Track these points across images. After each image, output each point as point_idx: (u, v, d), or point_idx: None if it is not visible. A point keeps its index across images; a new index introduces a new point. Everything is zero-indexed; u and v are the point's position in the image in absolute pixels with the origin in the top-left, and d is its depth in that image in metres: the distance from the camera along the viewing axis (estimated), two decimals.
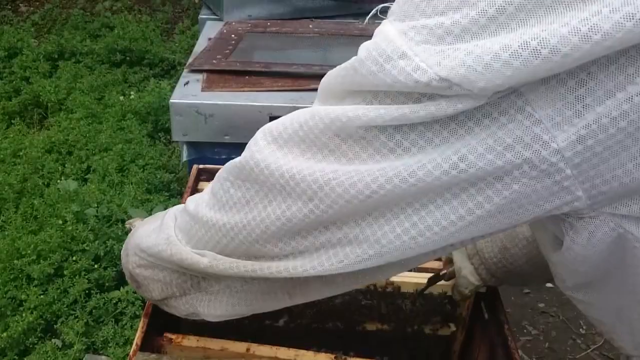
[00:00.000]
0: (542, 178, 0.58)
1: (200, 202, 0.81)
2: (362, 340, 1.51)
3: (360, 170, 0.63)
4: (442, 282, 1.41)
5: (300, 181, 0.67)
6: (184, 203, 0.88)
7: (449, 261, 1.34)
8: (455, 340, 1.54)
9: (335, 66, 0.67)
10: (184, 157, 2.20)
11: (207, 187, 0.82)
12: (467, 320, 1.53)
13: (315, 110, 0.67)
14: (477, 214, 0.62)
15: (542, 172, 0.58)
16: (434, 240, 0.65)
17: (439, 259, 1.41)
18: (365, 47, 0.61)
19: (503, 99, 0.56)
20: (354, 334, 1.51)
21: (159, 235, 0.88)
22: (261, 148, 0.70)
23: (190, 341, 1.27)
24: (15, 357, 2.17)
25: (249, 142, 0.74)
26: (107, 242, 2.46)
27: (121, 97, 3.79)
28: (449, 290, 1.44)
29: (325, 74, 0.70)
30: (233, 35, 2.49)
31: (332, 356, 1.29)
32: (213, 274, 0.81)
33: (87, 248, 2.45)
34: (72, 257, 2.43)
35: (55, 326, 2.26)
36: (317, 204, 0.66)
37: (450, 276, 1.36)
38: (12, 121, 3.64)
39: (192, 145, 2.14)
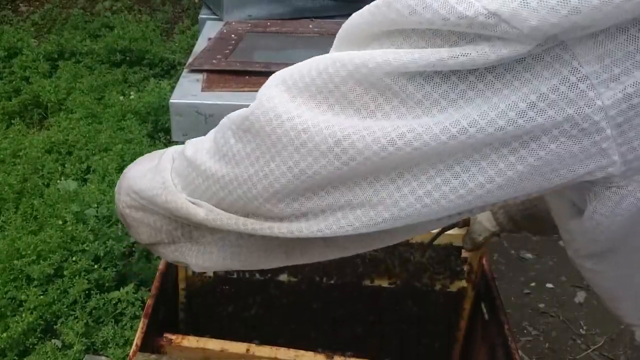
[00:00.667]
0: (580, 138, 0.56)
1: (200, 148, 0.75)
2: (369, 296, 1.47)
3: (384, 125, 0.58)
4: (455, 230, 1.35)
5: (314, 135, 0.61)
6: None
7: None
8: (466, 297, 1.51)
9: None
10: None
11: (210, 132, 0.77)
12: (478, 277, 1.47)
13: (337, 57, 0.61)
14: (507, 176, 0.58)
15: (582, 132, 0.55)
16: (458, 204, 0.61)
17: None
18: None
19: (547, 52, 0.53)
20: (361, 290, 1.47)
21: (154, 177, 0.82)
22: (272, 97, 0.64)
23: (190, 342, 1.27)
24: (15, 358, 2.17)
25: (259, 91, 0.67)
26: (107, 242, 2.46)
27: (121, 97, 3.79)
28: (460, 242, 1.40)
29: None
30: (233, 35, 2.49)
31: (330, 355, 1.29)
32: (208, 227, 0.76)
33: (87, 248, 2.45)
34: (72, 257, 2.43)
35: (55, 327, 2.26)
36: (330, 161, 0.61)
37: (465, 223, 1.32)
38: (12, 121, 3.64)
39: None
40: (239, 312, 1.49)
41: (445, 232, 1.36)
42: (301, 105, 0.62)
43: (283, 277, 1.46)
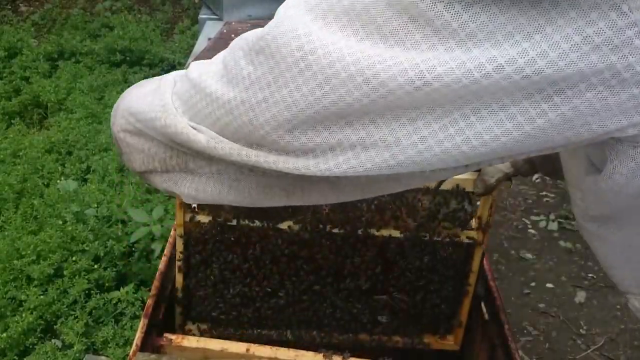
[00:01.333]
0: (619, 90, 0.52)
1: (206, 70, 0.70)
2: (376, 247, 1.39)
3: (412, 56, 0.53)
4: (464, 175, 1.29)
5: (335, 61, 0.56)
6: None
7: None
8: (476, 247, 1.42)
9: None
10: None
11: (218, 54, 0.71)
12: (488, 226, 1.39)
13: None
14: (536, 124, 0.55)
15: (622, 83, 0.52)
16: (480, 152, 0.57)
17: None
18: None
19: None
20: (367, 240, 1.39)
21: (153, 99, 0.76)
22: (291, 16, 0.59)
23: (190, 342, 1.27)
24: (15, 358, 2.17)
25: (278, 10, 0.62)
26: (107, 242, 2.46)
27: None
28: (470, 187, 1.33)
29: None
30: (233, 35, 2.49)
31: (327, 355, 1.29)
32: (208, 156, 0.71)
33: (87, 248, 2.45)
34: (72, 257, 2.43)
35: (55, 326, 2.26)
36: (349, 91, 0.56)
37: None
38: (12, 121, 3.64)
39: None
40: (238, 262, 1.40)
41: (454, 177, 1.28)
42: (323, 28, 0.57)
43: (285, 225, 1.36)
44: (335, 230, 1.36)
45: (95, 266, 2.41)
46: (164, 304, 1.43)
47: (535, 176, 3.73)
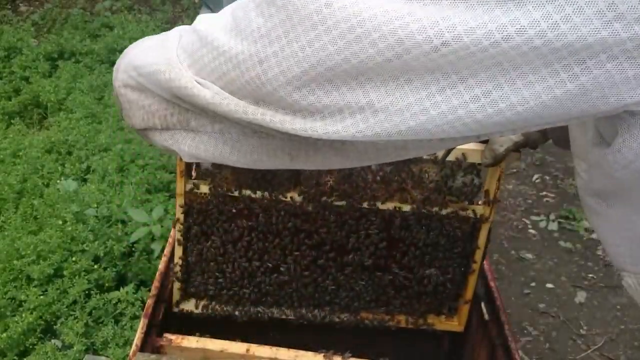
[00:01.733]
0: (639, 63, 0.51)
1: (214, 23, 0.67)
2: (381, 221, 1.35)
3: (432, 12, 0.51)
4: (472, 145, 1.25)
5: (351, 16, 0.53)
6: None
7: None
8: (482, 222, 1.38)
9: None
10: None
11: (226, 7, 0.69)
12: (495, 200, 1.36)
13: None
14: (554, 94, 0.53)
15: None
16: (494, 121, 0.55)
17: None
18: None
19: None
20: (371, 213, 1.35)
21: (158, 53, 0.73)
22: None
23: (190, 342, 1.27)
24: (15, 358, 2.17)
25: None
26: (106, 242, 2.46)
27: None
28: (477, 158, 1.29)
29: None
30: None
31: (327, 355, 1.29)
32: (212, 112, 0.69)
33: (86, 248, 2.45)
34: (72, 257, 2.43)
35: (55, 327, 2.25)
36: (364, 48, 0.54)
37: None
38: (12, 121, 3.64)
39: None
40: (240, 235, 1.36)
41: (462, 148, 1.25)
42: None
43: (288, 196, 1.32)
44: (339, 203, 1.32)
45: (95, 266, 2.41)
46: (164, 304, 1.43)
47: (535, 176, 3.73)
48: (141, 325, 1.29)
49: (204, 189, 1.32)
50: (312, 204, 1.32)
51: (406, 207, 1.34)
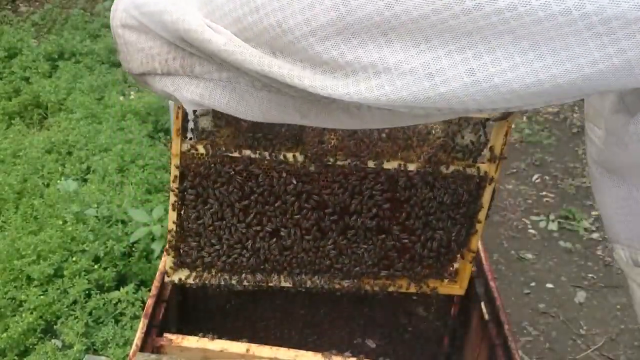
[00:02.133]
0: None
1: None
2: (385, 180, 1.31)
3: None
4: None
5: None
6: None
7: None
8: (488, 179, 1.35)
9: None
10: None
11: None
12: (500, 156, 1.33)
13: None
14: (597, 68, 0.50)
15: None
16: (529, 92, 0.52)
17: None
18: None
19: None
20: (375, 173, 1.30)
21: None
22: None
23: (190, 342, 1.27)
24: (15, 358, 2.17)
25: None
26: (107, 242, 2.46)
27: (121, 97, 3.79)
28: (487, 113, 1.22)
29: None
30: None
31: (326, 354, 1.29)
32: (220, 60, 0.63)
33: (87, 248, 2.45)
34: (72, 257, 2.43)
35: (55, 327, 2.26)
36: None
37: None
38: (12, 121, 3.64)
39: None
40: (238, 198, 1.29)
41: None
42: None
43: (290, 156, 1.26)
44: (342, 162, 1.27)
45: (96, 266, 2.41)
46: (164, 304, 1.43)
47: (535, 176, 3.73)
48: (141, 325, 1.29)
49: (201, 149, 1.24)
50: (315, 164, 1.27)
51: (411, 166, 1.29)
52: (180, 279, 1.40)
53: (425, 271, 1.44)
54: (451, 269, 1.45)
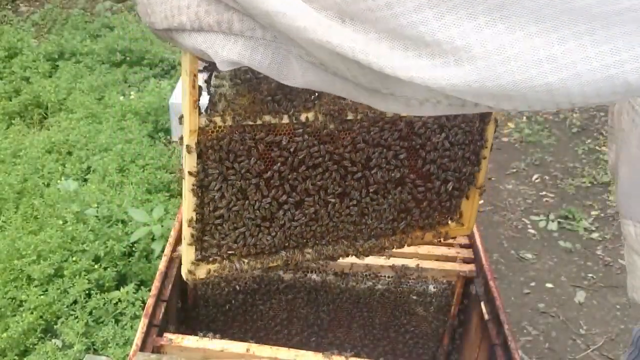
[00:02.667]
0: None
1: None
2: (402, 128, 1.30)
3: None
4: None
5: None
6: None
7: None
8: (490, 115, 1.35)
9: None
10: None
11: None
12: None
13: None
14: None
15: None
16: (595, 80, 0.48)
17: None
18: None
19: None
20: (392, 122, 1.29)
21: None
22: None
23: (190, 342, 1.27)
24: (16, 357, 2.17)
25: None
26: (107, 242, 2.47)
27: (121, 97, 3.80)
28: None
29: None
30: None
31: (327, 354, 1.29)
32: (270, 23, 0.54)
33: (87, 248, 2.45)
34: (72, 257, 2.43)
35: (55, 326, 2.26)
36: None
37: None
38: (12, 121, 3.64)
39: None
40: (263, 169, 1.23)
41: None
42: None
43: (311, 115, 1.20)
44: (361, 116, 1.23)
45: (96, 266, 2.41)
46: (164, 304, 1.43)
47: (535, 176, 3.73)
48: (141, 325, 1.29)
49: (220, 121, 1.14)
50: (335, 122, 1.22)
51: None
52: (206, 274, 1.28)
53: (439, 216, 1.45)
54: (459, 210, 1.47)
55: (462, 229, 1.49)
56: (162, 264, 1.47)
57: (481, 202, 3.50)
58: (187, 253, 1.24)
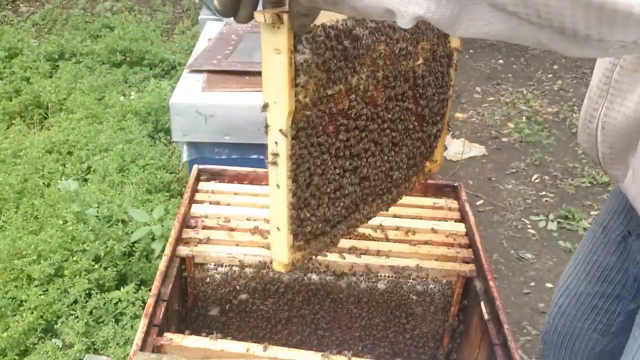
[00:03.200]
0: None
1: None
2: (411, 76, 1.35)
3: None
4: None
5: None
6: (185, 203, 0.75)
7: None
8: (454, 50, 1.45)
9: None
10: (184, 157, 2.21)
11: None
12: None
13: None
14: None
15: None
16: None
17: None
18: None
19: None
20: (401, 74, 1.32)
21: None
22: None
23: (190, 341, 1.28)
24: (16, 357, 2.18)
25: None
26: (107, 242, 2.47)
27: (121, 98, 3.80)
28: None
29: None
30: (233, 36, 2.50)
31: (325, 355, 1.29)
32: None
33: (87, 248, 2.45)
34: (73, 257, 2.44)
35: (55, 326, 2.26)
36: None
37: None
38: (13, 121, 3.65)
39: (192, 145, 2.14)
40: (343, 139, 1.24)
41: None
42: None
43: (364, 76, 1.21)
44: (388, 72, 1.27)
45: (96, 266, 2.41)
46: (164, 304, 1.43)
47: (535, 176, 3.73)
48: (141, 324, 1.29)
49: (302, 97, 1.09)
50: (372, 83, 1.23)
51: (420, 60, 1.36)
52: (302, 258, 1.24)
53: (423, 159, 1.52)
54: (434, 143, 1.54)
55: (436, 164, 1.57)
56: (162, 264, 1.47)
57: (481, 202, 3.50)
58: (284, 242, 1.20)
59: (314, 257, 1.29)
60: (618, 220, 1.47)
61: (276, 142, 1.10)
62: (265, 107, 1.07)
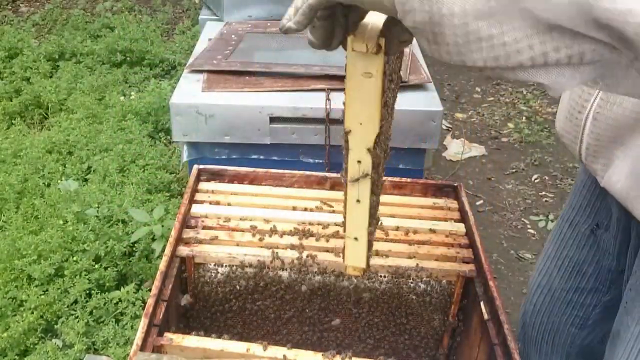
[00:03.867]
0: None
1: None
2: None
3: None
4: None
5: None
6: (185, 203, 0.78)
7: None
8: None
9: (335, 66, 0.62)
10: (184, 157, 2.20)
11: None
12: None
13: None
14: None
15: None
16: None
17: None
18: None
19: None
20: None
21: None
22: None
23: (191, 341, 1.28)
24: (16, 357, 2.18)
25: None
26: (107, 242, 2.47)
27: (121, 98, 3.80)
28: None
29: (325, 74, 0.64)
30: (233, 36, 2.50)
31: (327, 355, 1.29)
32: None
33: (87, 248, 2.45)
34: (73, 257, 2.44)
35: (55, 326, 2.26)
36: None
37: None
38: (13, 121, 3.65)
39: (192, 145, 2.14)
40: None
41: None
42: None
43: None
44: None
45: (96, 266, 2.42)
46: (164, 304, 1.43)
47: (535, 176, 3.73)
48: (142, 324, 1.29)
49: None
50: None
51: None
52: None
53: None
54: None
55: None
56: (162, 264, 1.47)
57: (481, 202, 3.50)
58: (363, 250, 1.23)
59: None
60: (584, 214, 1.49)
61: (359, 161, 1.10)
62: (347, 133, 1.06)
